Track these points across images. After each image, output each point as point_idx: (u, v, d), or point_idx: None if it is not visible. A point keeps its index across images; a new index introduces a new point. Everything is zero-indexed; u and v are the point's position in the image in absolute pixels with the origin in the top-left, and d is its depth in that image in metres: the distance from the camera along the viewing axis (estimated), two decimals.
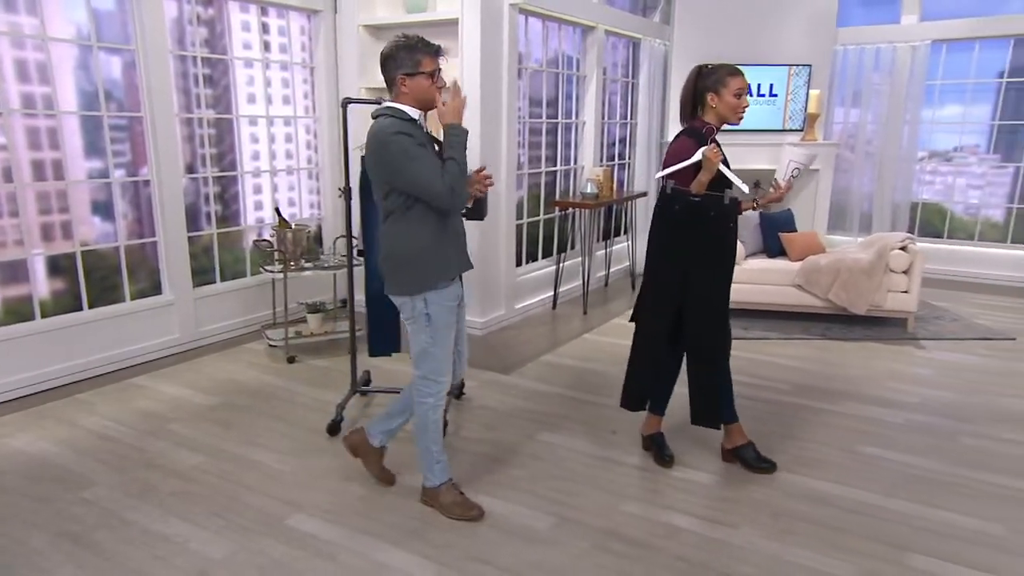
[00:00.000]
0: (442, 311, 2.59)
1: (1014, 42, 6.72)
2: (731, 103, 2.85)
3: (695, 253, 2.94)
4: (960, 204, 7.35)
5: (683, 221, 2.91)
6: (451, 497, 2.75)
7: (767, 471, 3.12)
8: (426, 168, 2.39)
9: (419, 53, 2.45)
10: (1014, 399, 4.02)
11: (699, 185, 2.77)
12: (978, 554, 2.55)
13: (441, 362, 2.66)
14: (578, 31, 6.08)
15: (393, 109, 2.49)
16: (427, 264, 2.54)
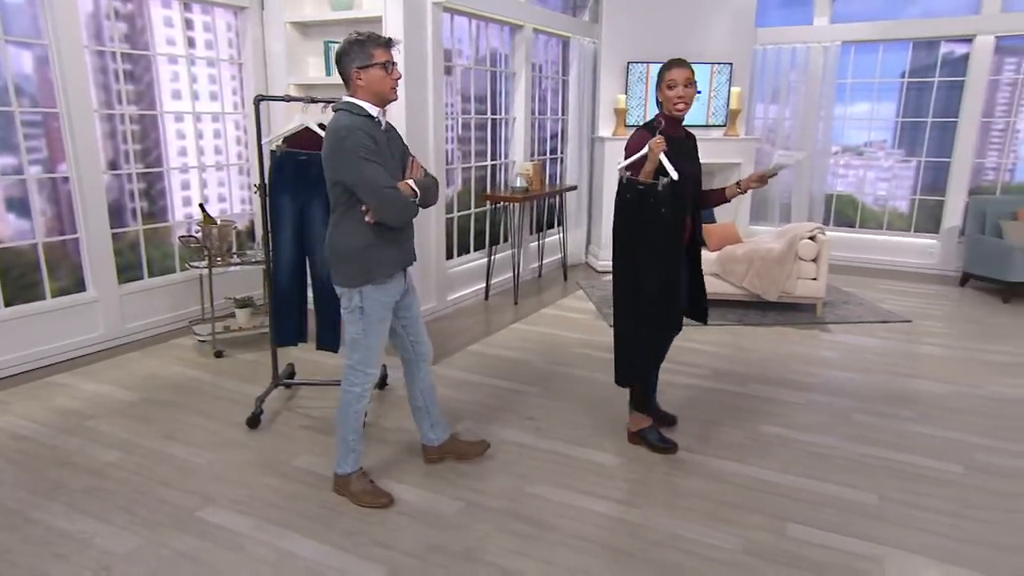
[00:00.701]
0: (376, 306, 2.60)
1: (913, 45, 6.99)
2: (666, 95, 2.93)
3: (645, 238, 3.00)
4: (870, 195, 7.62)
5: (634, 207, 2.98)
6: (361, 485, 2.76)
7: (670, 452, 3.21)
8: (374, 172, 2.39)
9: (371, 46, 2.45)
10: (905, 378, 4.20)
11: (644, 174, 2.88)
12: (852, 522, 2.67)
13: (371, 353, 2.66)
14: (507, 29, 6.09)
15: (351, 104, 2.49)
16: (368, 260, 2.54)
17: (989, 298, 6.12)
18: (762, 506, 2.78)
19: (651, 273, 3.03)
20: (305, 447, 3.22)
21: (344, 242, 2.54)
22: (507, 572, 2.34)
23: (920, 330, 5.20)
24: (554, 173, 7.40)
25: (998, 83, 6.78)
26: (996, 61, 6.65)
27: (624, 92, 6.86)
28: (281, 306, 3.45)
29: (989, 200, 6.48)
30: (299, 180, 3.23)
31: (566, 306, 5.75)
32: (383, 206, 2.43)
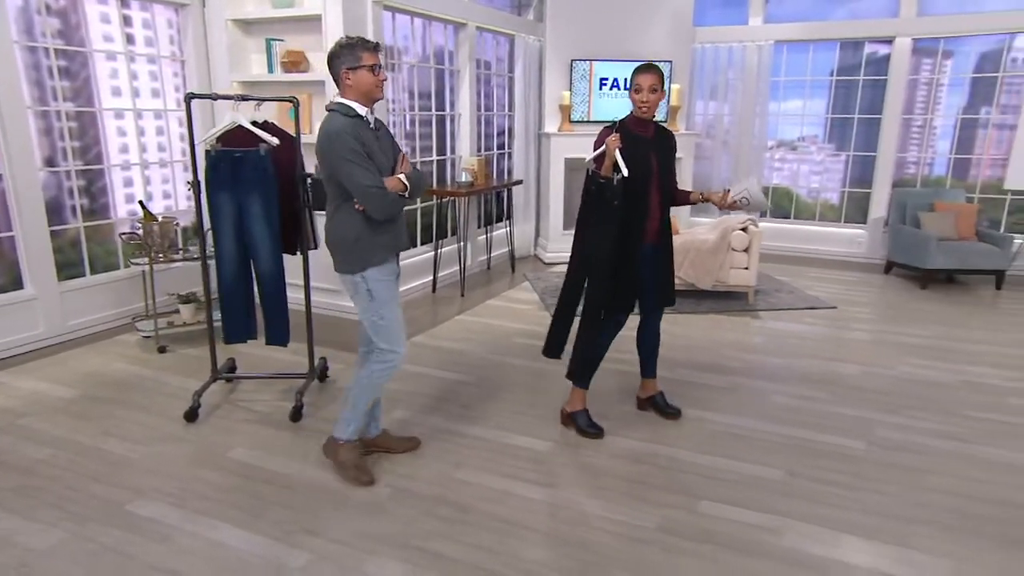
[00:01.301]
0: (381, 286, 2.70)
1: (840, 45, 7.19)
2: (632, 97, 3.07)
3: (600, 225, 3.09)
4: (804, 188, 7.83)
5: (596, 199, 3.08)
6: (351, 457, 2.83)
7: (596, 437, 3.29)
8: (361, 173, 2.51)
9: (359, 49, 2.57)
10: (824, 361, 4.35)
11: (604, 169, 3.00)
12: (760, 498, 2.78)
13: (393, 332, 2.74)
14: (450, 27, 6.08)
15: (341, 105, 2.60)
16: (363, 247, 2.65)
17: (909, 284, 6.36)
18: (678, 485, 2.87)
19: (603, 260, 3.10)
20: (242, 440, 3.21)
21: (340, 232, 2.67)
22: (430, 555, 2.39)
23: (843, 315, 5.39)
24: (504, 168, 7.44)
25: (916, 82, 7.02)
26: (914, 61, 6.88)
27: (568, 89, 6.91)
28: (228, 303, 3.42)
29: (909, 192, 6.71)
30: (236, 178, 3.20)
31: (511, 297, 5.81)
32: (368, 203, 2.56)
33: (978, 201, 6.78)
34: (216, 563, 2.32)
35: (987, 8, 6.60)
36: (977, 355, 4.48)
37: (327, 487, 2.81)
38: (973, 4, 6.68)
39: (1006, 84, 6.69)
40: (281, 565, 2.31)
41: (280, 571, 2.28)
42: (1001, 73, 6.69)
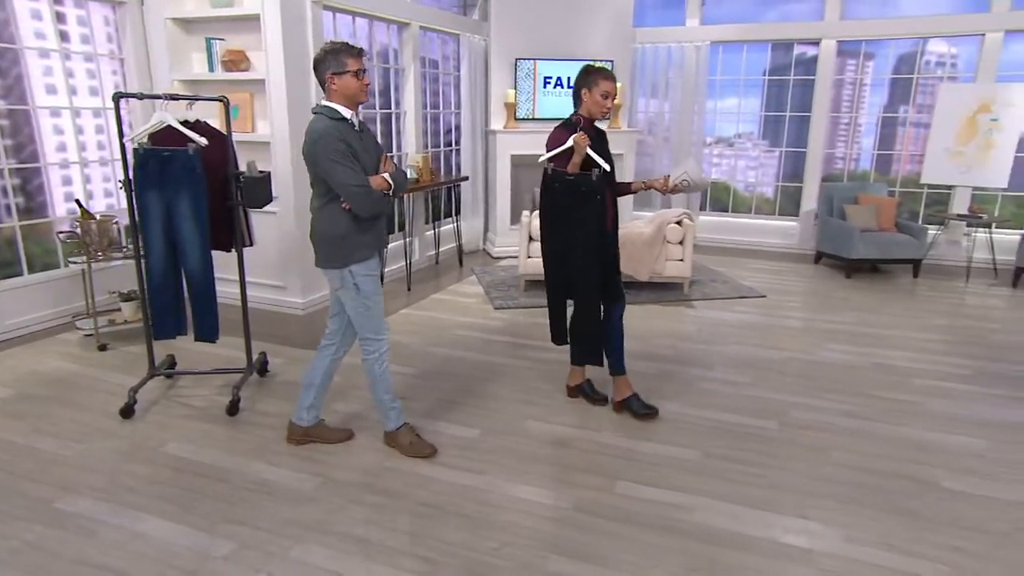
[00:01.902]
0: (366, 280, 2.81)
1: (772, 46, 7.38)
2: (597, 101, 3.12)
3: (572, 220, 3.17)
4: (741, 183, 8.02)
5: (563, 197, 3.16)
6: (408, 438, 3.01)
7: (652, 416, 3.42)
8: (345, 173, 2.59)
9: (344, 55, 2.63)
10: (751, 347, 4.49)
11: (573, 166, 3.09)
12: (675, 477, 2.88)
13: (377, 322, 2.87)
14: (394, 27, 6.07)
15: (326, 108, 2.67)
16: (347, 245, 2.73)
17: (836, 274, 6.58)
18: (599, 468, 2.95)
19: (591, 251, 3.21)
20: (178, 435, 3.19)
21: (326, 229, 2.73)
22: (354, 539, 2.42)
23: (772, 304, 5.56)
24: (454, 164, 7.45)
25: (842, 82, 7.25)
26: (839, 62, 7.11)
27: (513, 87, 6.96)
28: (157, 300, 3.38)
29: (836, 186, 6.94)
30: (164, 176, 3.16)
31: (457, 291, 5.84)
32: (354, 201, 2.64)
33: (898, 194, 7.05)
34: (140, 555, 2.32)
35: (903, 13, 6.85)
36: (889, 339, 4.67)
37: (258, 478, 2.82)
38: (891, 9, 6.93)
39: (921, 85, 6.96)
40: (205, 554, 2.33)
41: (204, 560, 2.30)
42: (916, 75, 6.96)
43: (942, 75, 6.91)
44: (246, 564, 2.29)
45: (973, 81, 6.57)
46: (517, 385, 3.80)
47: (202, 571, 2.24)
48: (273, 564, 2.29)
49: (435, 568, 2.28)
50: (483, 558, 2.33)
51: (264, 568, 2.27)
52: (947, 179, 6.68)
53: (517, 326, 4.88)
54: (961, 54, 6.82)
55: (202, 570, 2.25)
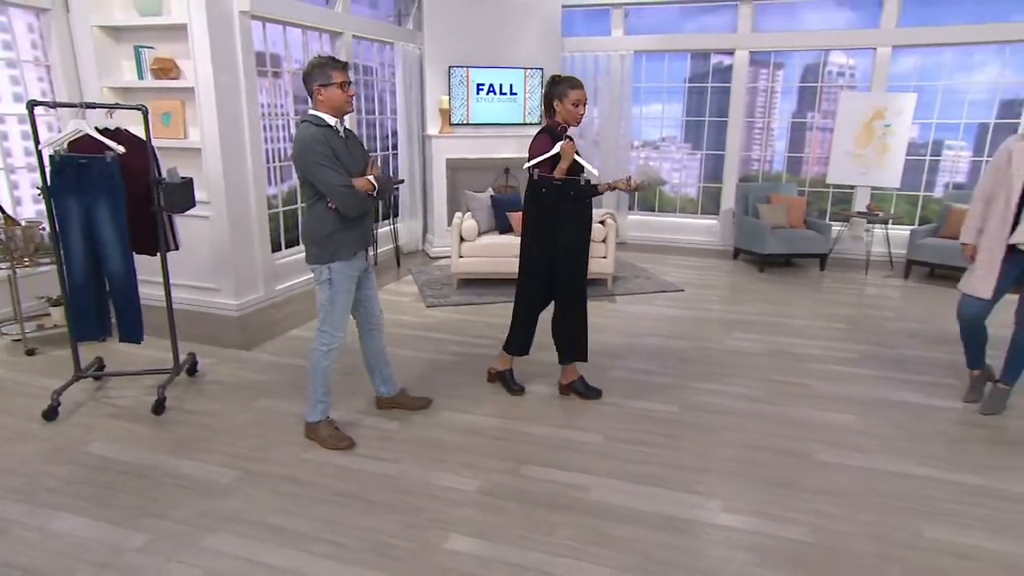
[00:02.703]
0: (342, 278, 2.95)
1: (691, 55, 7.64)
2: (569, 109, 3.25)
3: (561, 224, 3.33)
4: (667, 184, 8.26)
5: (551, 201, 3.30)
6: (327, 432, 3.11)
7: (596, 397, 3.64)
8: (331, 175, 2.74)
9: (329, 68, 2.77)
10: (663, 338, 4.68)
11: (560, 172, 3.25)
12: (577, 459, 3.02)
13: (337, 318, 3.01)
14: (326, 36, 6.07)
15: (312, 116, 2.81)
16: (333, 242, 2.88)
17: (751, 268, 6.87)
18: (506, 453, 3.07)
19: (583, 250, 3.42)
20: (102, 435, 3.18)
21: (313, 228, 2.88)
22: (268, 528, 2.48)
23: (689, 297, 5.78)
24: (395, 168, 7.48)
25: (755, 89, 7.55)
26: (752, 71, 7.40)
27: (447, 94, 7.03)
28: (79, 303, 3.36)
29: (751, 186, 7.23)
30: (82, 183, 3.15)
31: (392, 290, 5.89)
32: (339, 201, 2.78)
33: (807, 194, 7.38)
34: (52, 552, 2.32)
35: (807, 27, 7.19)
36: (791, 328, 4.93)
37: (179, 473, 2.84)
38: (797, 23, 7.25)
39: (825, 93, 7.31)
40: (119, 548, 2.35)
41: (117, 553, 2.32)
42: (820, 83, 7.31)
43: (842, 84, 7.27)
44: (159, 555, 2.32)
45: (869, 90, 6.93)
46: (439, 379, 3.89)
47: (115, 564, 2.27)
48: (186, 554, 2.33)
49: (343, 551, 2.36)
50: (388, 540, 2.42)
51: (176, 557, 2.31)
52: (849, 180, 7.04)
53: (445, 323, 4.97)
54: (858, 65, 7.19)
55: (115, 563, 2.27)
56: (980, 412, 3.53)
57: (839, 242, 7.12)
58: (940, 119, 6.93)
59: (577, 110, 3.25)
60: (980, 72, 6.76)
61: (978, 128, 6.82)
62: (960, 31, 6.57)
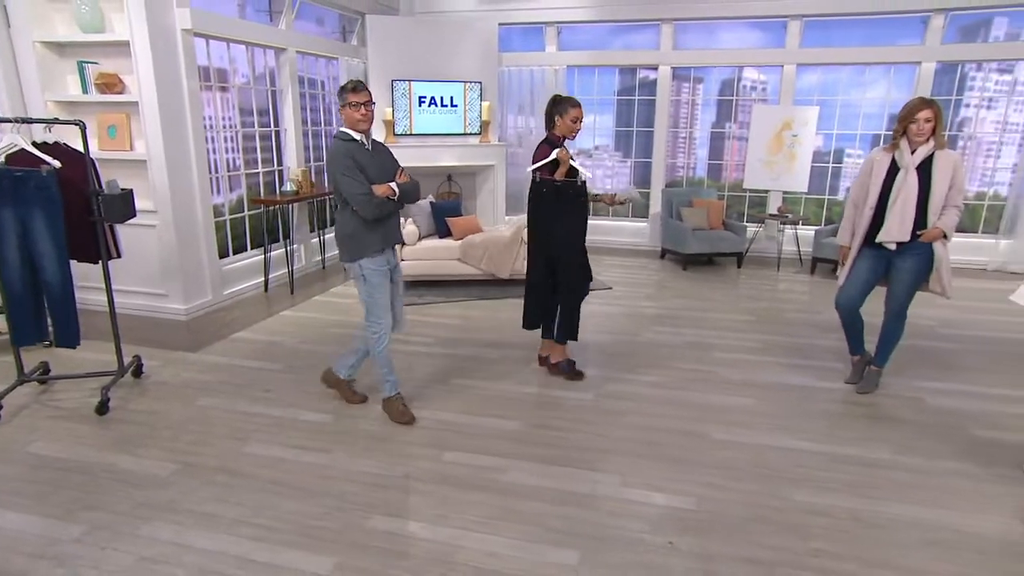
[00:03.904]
0: (374, 273, 3.20)
1: (619, 70, 7.89)
2: (568, 124, 3.63)
3: (559, 219, 3.69)
4: (600, 189, 8.49)
5: (551, 199, 3.66)
6: (396, 407, 3.39)
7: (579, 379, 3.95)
8: (349, 184, 3.00)
9: (347, 92, 3.05)
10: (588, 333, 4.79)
11: (560, 174, 3.61)
12: (496, 445, 3.17)
13: (379, 307, 3.26)
14: (271, 52, 6.09)
15: (342, 132, 3.11)
16: (361, 240, 3.14)
17: (675, 267, 7.14)
18: (433, 441, 3.20)
19: (571, 245, 3.76)
20: (45, 435, 3.19)
21: (340, 230, 3.17)
22: (200, 515, 2.56)
23: (616, 294, 5.99)
24: None
25: (679, 102, 7.84)
26: (675, 85, 7.69)
27: (391, 106, 7.11)
28: (17, 310, 3.35)
29: (675, 191, 7.52)
30: (18, 195, 3.15)
31: (338, 293, 5.95)
32: (357, 206, 3.04)
33: (726, 198, 7.71)
34: None
35: (723, 46, 7.52)
36: (706, 321, 5.18)
37: (118, 468, 2.89)
38: (714, 42, 7.57)
39: (740, 105, 7.65)
40: (55, 539, 2.40)
41: (53, 544, 2.37)
42: (736, 97, 7.65)
43: (755, 97, 7.62)
44: (95, 545, 2.38)
45: (778, 103, 7.29)
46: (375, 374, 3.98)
47: (50, 554, 2.32)
48: (121, 542, 2.39)
49: (270, 533, 2.45)
50: (313, 522, 2.53)
51: (111, 546, 2.37)
52: (763, 184, 7.38)
53: None
54: (768, 80, 7.55)
55: (50, 553, 2.33)
56: (857, 391, 3.82)
57: (755, 242, 7.46)
58: (840, 130, 7.34)
59: (575, 125, 3.62)
60: (872, 89, 7.19)
61: (872, 138, 7.25)
62: (853, 52, 6.98)
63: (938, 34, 6.72)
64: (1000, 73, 7.02)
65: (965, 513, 2.64)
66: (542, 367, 4.12)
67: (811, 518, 2.59)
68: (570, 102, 3.61)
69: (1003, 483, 2.88)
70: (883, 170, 3.52)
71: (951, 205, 3.42)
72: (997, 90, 7.03)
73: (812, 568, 2.29)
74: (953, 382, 3.98)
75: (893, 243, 3.51)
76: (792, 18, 7.04)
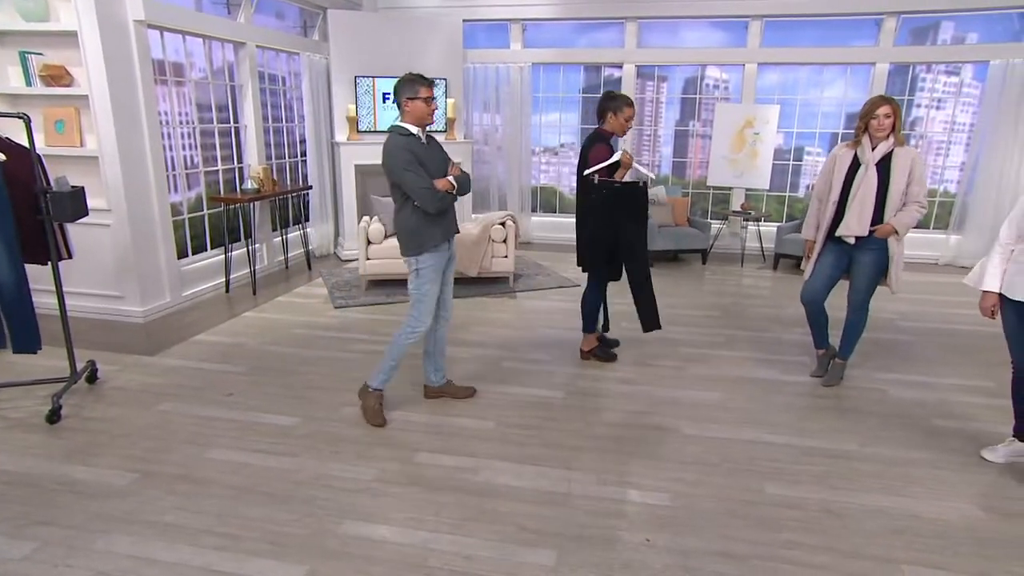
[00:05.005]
0: (429, 269, 3.20)
1: (584, 68, 7.91)
2: (621, 123, 3.71)
3: (622, 219, 3.69)
4: (566, 187, 8.51)
5: (610, 200, 3.66)
6: (373, 403, 3.30)
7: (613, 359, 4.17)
8: (413, 179, 2.99)
9: (418, 84, 3.01)
10: (557, 330, 4.85)
11: (619, 175, 3.65)
12: (468, 444, 3.12)
13: (425, 306, 3.24)
14: (230, 46, 5.91)
15: (398, 127, 3.06)
16: (421, 234, 3.13)
17: None
18: (401, 442, 3.13)
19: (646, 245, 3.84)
20: None
21: (403, 225, 3.13)
22: (161, 526, 2.44)
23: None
24: (304, 174, 7.35)
25: (644, 100, 7.90)
26: (640, 83, 7.74)
27: (354, 102, 6.98)
28: None
29: None
30: None
31: (302, 293, 5.81)
32: (421, 200, 3.02)
33: (690, 195, 7.80)
34: None
35: (686, 45, 7.60)
36: (672, 316, 5.21)
37: (70, 479, 2.75)
38: (677, 40, 7.64)
39: (704, 103, 7.75)
40: (2, 558, 2.26)
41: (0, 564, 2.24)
42: (699, 95, 7.74)
43: (718, 96, 7.73)
44: (47, 562, 2.25)
45: (740, 102, 7.40)
46: (341, 376, 3.90)
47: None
48: (76, 558, 2.27)
49: (235, 542, 2.36)
50: (281, 529, 2.44)
51: (65, 562, 2.24)
52: (726, 181, 7.48)
53: (352, 322, 4.96)
54: (731, 79, 7.66)
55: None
56: (822, 384, 3.89)
57: (719, 238, 7.56)
58: (800, 128, 7.49)
59: (627, 124, 3.71)
60: (829, 88, 7.37)
61: (830, 136, 7.43)
62: (811, 52, 7.13)
63: (891, 36, 6.91)
64: (948, 75, 7.26)
65: (928, 501, 2.70)
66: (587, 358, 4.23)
67: (783, 511, 2.61)
68: (625, 100, 3.68)
69: (962, 470, 2.95)
70: (845, 166, 3.58)
71: (912, 201, 3.50)
72: (945, 91, 7.27)
73: (786, 560, 2.31)
74: (912, 374, 4.08)
75: (852, 237, 3.58)
76: (753, 18, 7.16)
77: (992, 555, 2.37)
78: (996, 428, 3.32)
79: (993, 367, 4.14)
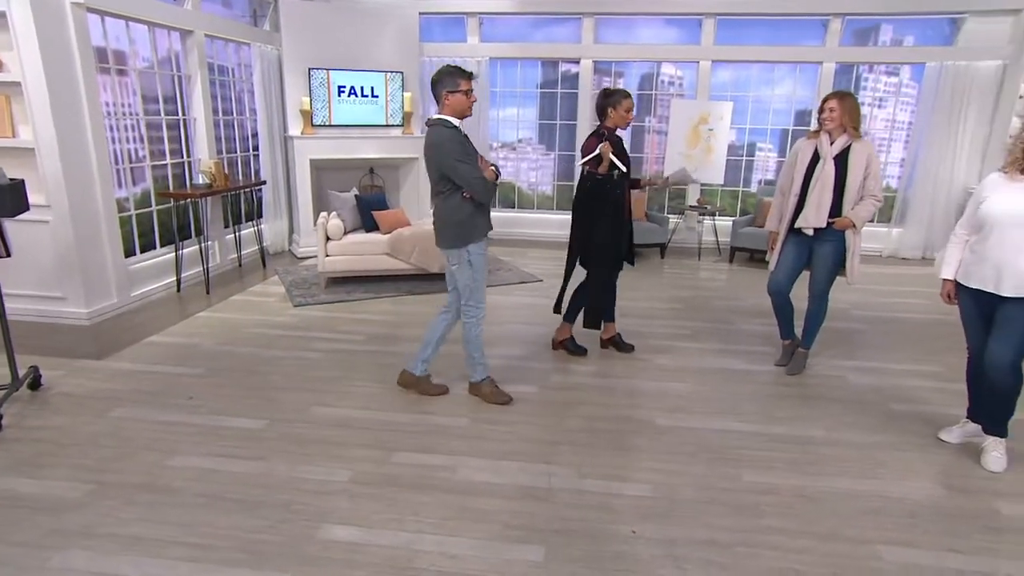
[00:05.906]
0: (479, 258, 3.23)
1: (542, 63, 7.90)
2: (622, 115, 3.71)
3: (601, 210, 3.77)
4: (524, 182, 8.50)
5: (596, 191, 3.76)
6: (488, 388, 3.45)
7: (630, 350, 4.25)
8: (468, 169, 3.01)
9: (458, 77, 3.05)
10: (524, 325, 4.82)
11: (602, 168, 3.69)
12: (444, 443, 3.05)
13: (480, 293, 3.30)
14: (176, 34, 5.63)
15: (441, 119, 3.06)
16: (468, 226, 3.14)
17: None
18: (378, 442, 3.04)
19: (605, 235, 3.82)
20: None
21: (450, 216, 3.12)
22: (124, 539, 2.29)
23: (547, 286, 5.97)
24: (256, 169, 7.09)
25: None
26: (597, 79, 7.78)
27: (308, 95, 6.77)
28: None
29: None
30: None
31: (257, 292, 5.60)
32: (476, 190, 3.05)
33: (647, 190, 7.89)
34: None
35: (642, 41, 7.68)
36: (635, 309, 5.26)
37: (15, 493, 2.55)
38: (633, 37, 7.71)
39: (660, 100, 7.85)
40: None
41: None
42: (655, 91, 7.84)
43: (673, 92, 7.84)
44: None
45: (695, 98, 7.53)
46: (306, 375, 3.77)
47: None
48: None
49: (207, 552, 2.23)
50: (256, 536, 2.32)
51: None
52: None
53: (313, 321, 4.81)
54: (685, 76, 7.79)
55: None
56: (787, 373, 3.98)
57: (676, 232, 7.68)
58: (752, 125, 7.68)
59: (628, 115, 3.72)
60: (780, 86, 7.58)
61: (781, 133, 7.65)
62: (762, 51, 7.32)
63: (836, 37, 7.15)
64: (888, 75, 7.58)
65: (894, 482, 2.80)
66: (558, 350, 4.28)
67: (760, 497, 2.65)
68: (622, 94, 3.71)
69: (921, 450, 3.07)
70: (807, 159, 3.67)
71: (868, 195, 3.61)
72: (886, 91, 7.58)
73: (769, 546, 2.34)
74: (868, 360, 4.23)
75: (811, 229, 3.68)
76: (707, 16, 7.28)
77: (958, 531, 2.46)
78: (948, 410, 3.47)
79: (939, 353, 4.33)
